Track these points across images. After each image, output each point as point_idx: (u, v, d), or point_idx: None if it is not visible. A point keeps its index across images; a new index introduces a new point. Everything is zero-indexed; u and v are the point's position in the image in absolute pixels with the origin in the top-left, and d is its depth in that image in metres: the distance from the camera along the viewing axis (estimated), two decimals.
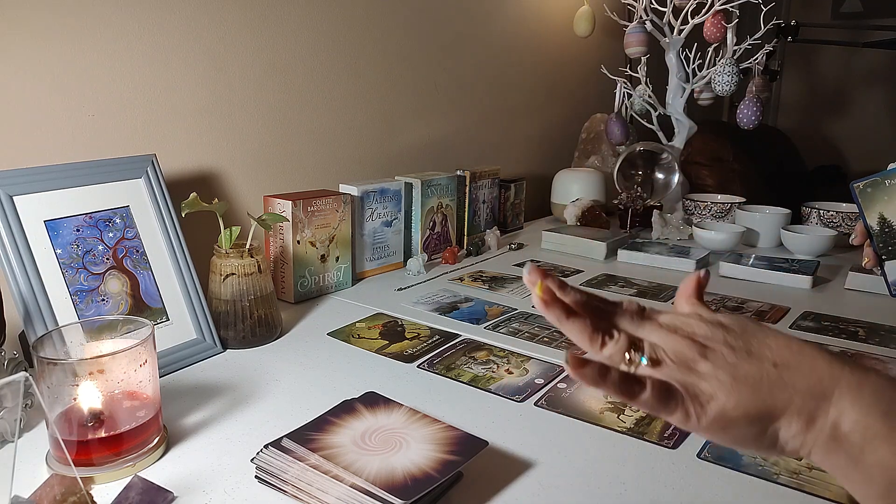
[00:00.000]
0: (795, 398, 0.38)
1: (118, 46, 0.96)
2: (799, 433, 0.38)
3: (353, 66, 1.32)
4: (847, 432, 0.37)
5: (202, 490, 0.59)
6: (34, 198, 0.78)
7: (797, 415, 0.38)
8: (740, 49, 1.54)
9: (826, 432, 0.38)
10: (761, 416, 0.38)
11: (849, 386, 0.38)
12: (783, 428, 0.38)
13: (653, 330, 0.43)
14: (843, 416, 0.37)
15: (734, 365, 0.39)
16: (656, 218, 1.54)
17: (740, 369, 0.39)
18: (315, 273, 1.10)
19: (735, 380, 0.39)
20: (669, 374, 0.40)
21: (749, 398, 0.38)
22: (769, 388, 0.38)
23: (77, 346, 0.65)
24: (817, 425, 0.38)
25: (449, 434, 0.60)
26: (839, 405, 0.37)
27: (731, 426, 0.38)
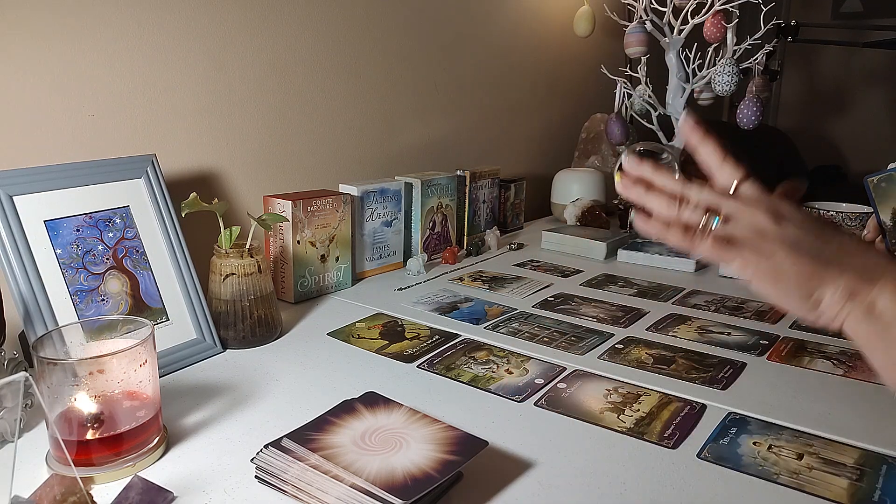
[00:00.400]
0: (846, 274, 0.47)
1: (118, 46, 0.96)
2: (839, 301, 0.46)
3: (353, 66, 1.32)
4: (881, 310, 0.46)
5: (202, 490, 0.59)
6: (34, 198, 0.78)
7: (843, 287, 0.46)
8: (740, 49, 1.54)
9: (863, 307, 0.46)
10: (812, 278, 0.47)
11: (894, 278, 0.46)
12: (828, 294, 0.47)
13: (731, 201, 0.50)
14: (881, 297, 0.46)
15: (800, 238, 0.48)
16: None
17: (805, 242, 0.48)
18: (315, 273, 1.10)
19: (798, 246, 0.47)
20: (737, 231, 0.49)
21: (807, 262, 0.47)
22: (826, 260, 0.47)
23: (77, 346, 0.65)
24: (857, 299, 0.46)
25: (449, 434, 0.60)
26: (882, 288, 0.46)
27: (783, 279, 0.47)
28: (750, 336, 0.96)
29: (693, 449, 0.67)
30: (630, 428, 0.70)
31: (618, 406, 0.75)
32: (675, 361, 0.87)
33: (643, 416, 0.73)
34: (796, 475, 0.62)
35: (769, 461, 0.65)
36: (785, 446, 0.67)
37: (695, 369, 0.85)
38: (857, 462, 0.65)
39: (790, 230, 0.48)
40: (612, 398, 0.77)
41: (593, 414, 0.73)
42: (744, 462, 0.64)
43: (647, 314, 1.05)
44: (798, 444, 0.68)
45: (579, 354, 0.89)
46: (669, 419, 0.72)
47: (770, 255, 0.47)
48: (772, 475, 0.62)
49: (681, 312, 1.06)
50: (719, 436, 0.69)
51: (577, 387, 0.80)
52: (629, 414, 0.73)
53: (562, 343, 0.93)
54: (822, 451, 0.67)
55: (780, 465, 0.64)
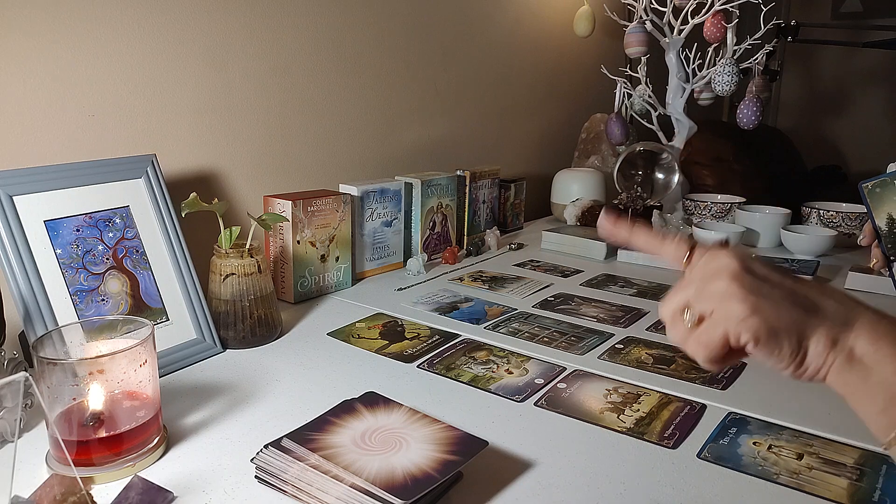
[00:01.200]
0: (826, 321, 0.45)
1: (118, 47, 0.96)
2: (823, 352, 0.45)
3: (354, 66, 1.32)
4: (860, 355, 0.45)
5: (202, 490, 0.59)
6: (34, 198, 0.78)
7: (825, 335, 0.45)
8: (740, 49, 1.54)
9: (844, 354, 0.45)
10: (799, 326, 0.45)
11: (869, 320, 0.45)
12: (812, 346, 0.45)
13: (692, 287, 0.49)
14: (859, 341, 0.45)
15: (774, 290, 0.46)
16: (656, 218, 1.54)
17: (779, 292, 0.46)
18: (315, 273, 1.10)
19: (778, 296, 0.46)
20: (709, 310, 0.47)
21: (790, 310, 0.45)
22: (805, 307, 0.46)
23: (77, 346, 0.65)
24: (838, 347, 0.45)
25: (449, 434, 0.60)
26: (858, 332, 0.45)
27: (773, 335, 0.45)
28: None
29: (693, 449, 0.67)
30: (630, 428, 0.70)
31: (618, 406, 0.75)
32: (675, 361, 0.87)
33: (643, 416, 0.73)
34: (796, 475, 0.62)
35: (769, 461, 0.65)
36: (785, 446, 0.67)
37: (695, 369, 0.85)
38: (857, 462, 0.65)
39: (759, 284, 0.46)
40: (612, 398, 0.77)
41: (593, 414, 0.73)
42: (744, 462, 0.64)
43: (647, 314, 1.05)
44: (798, 444, 0.68)
45: (579, 354, 0.89)
46: (669, 419, 0.72)
47: (754, 312, 0.45)
48: (772, 475, 0.62)
49: None
50: (719, 436, 0.69)
51: (577, 387, 0.80)
52: (629, 414, 0.73)
53: (562, 343, 0.93)
54: (822, 451, 0.67)
55: (780, 465, 0.64)
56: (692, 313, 0.48)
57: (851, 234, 1.44)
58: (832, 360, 0.45)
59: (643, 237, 0.53)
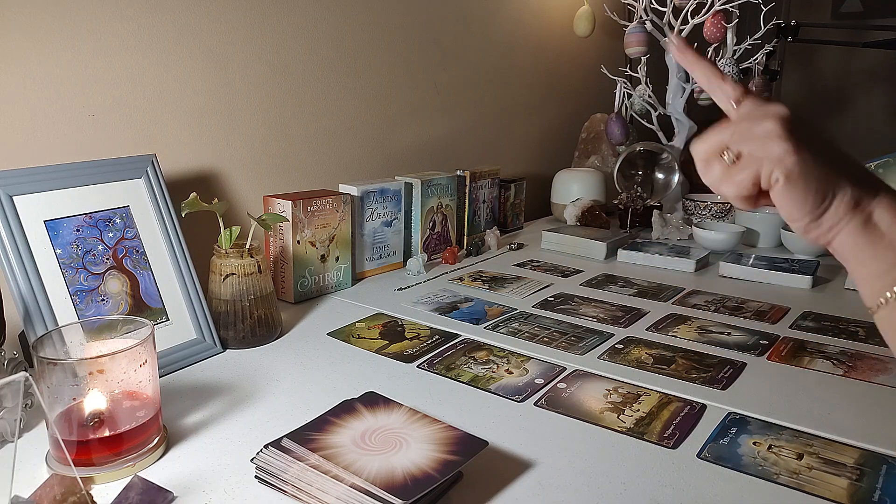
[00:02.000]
0: (853, 181, 0.47)
1: (118, 47, 0.96)
2: (843, 210, 0.47)
3: (354, 66, 1.32)
4: (876, 220, 0.47)
5: (202, 490, 0.59)
6: (34, 198, 0.78)
7: (850, 194, 0.47)
8: (740, 49, 1.54)
9: (863, 216, 0.47)
10: (829, 180, 0.47)
11: (889, 192, 0.48)
12: (836, 201, 0.47)
13: (737, 124, 0.50)
14: (879, 208, 0.47)
15: (812, 139, 0.47)
16: (656, 218, 1.54)
17: (816, 143, 0.47)
18: (315, 273, 1.10)
19: (812, 147, 0.47)
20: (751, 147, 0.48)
21: (823, 162, 0.47)
22: (838, 165, 0.47)
23: (77, 346, 0.65)
24: (859, 208, 0.47)
25: (449, 434, 0.60)
26: (880, 200, 0.47)
27: (802, 180, 0.46)
28: (750, 336, 0.96)
29: (693, 449, 0.67)
30: (630, 428, 0.70)
31: (618, 406, 0.75)
32: (675, 361, 0.87)
33: (643, 416, 0.73)
34: (796, 475, 0.62)
35: (769, 461, 0.65)
36: (785, 446, 0.67)
37: (695, 369, 0.85)
38: (857, 462, 0.65)
39: (804, 132, 0.48)
40: (612, 398, 0.77)
41: (593, 414, 0.73)
42: (744, 462, 0.64)
43: (647, 314, 1.05)
44: (798, 444, 0.68)
45: (579, 354, 0.89)
46: (669, 419, 0.72)
47: (795, 151, 0.46)
48: (772, 475, 0.62)
49: (681, 312, 1.06)
50: (719, 436, 0.69)
51: (577, 387, 0.80)
52: (629, 414, 0.73)
53: (562, 343, 0.93)
54: (822, 451, 0.67)
55: (779, 465, 0.64)
56: (731, 152, 0.49)
57: None
58: (848, 220, 0.47)
59: (704, 69, 0.54)
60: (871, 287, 0.48)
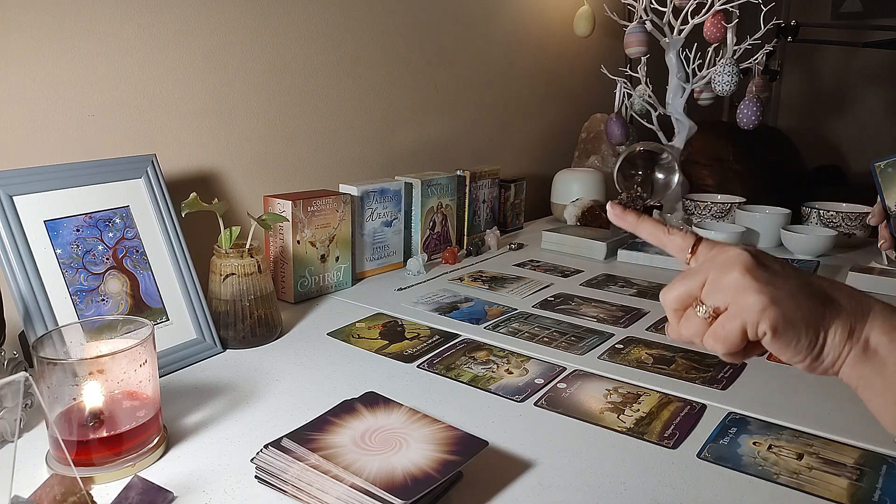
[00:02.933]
0: (843, 311, 0.46)
1: (118, 47, 0.96)
2: (840, 343, 0.45)
3: (354, 66, 1.32)
4: (874, 346, 0.45)
5: (202, 490, 0.59)
6: (34, 198, 0.78)
7: (843, 326, 0.45)
8: (740, 49, 1.54)
9: (860, 345, 0.45)
10: (817, 317, 0.45)
11: (882, 311, 0.46)
12: (830, 336, 0.45)
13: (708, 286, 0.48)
14: (873, 332, 0.45)
15: (789, 281, 0.46)
16: (656, 218, 1.53)
17: (795, 283, 0.46)
18: (315, 273, 1.10)
19: (793, 287, 0.46)
20: (725, 303, 0.47)
21: (807, 300, 0.45)
22: (822, 299, 0.46)
23: (77, 346, 0.65)
24: (854, 336, 0.45)
25: (449, 434, 0.60)
26: (872, 323, 0.45)
27: (793, 330, 0.45)
28: None
29: (693, 449, 0.67)
30: (630, 428, 0.70)
31: (618, 406, 0.75)
32: (675, 361, 0.87)
33: (643, 416, 0.73)
34: (796, 475, 0.62)
35: (769, 461, 0.65)
36: (785, 446, 0.67)
37: (695, 369, 0.85)
38: (857, 462, 0.65)
39: (774, 278, 0.46)
40: (612, 398, 0.77)
41: (593, 414, 0.73)
42: (744, 462, 0.64)
43: (647, 314, 1.05)
44: (798, 444, 0.68)
45: (579, 354, 0.89)
46: (669, 419, 0.72)
47: (773, 303, 0.44)
48: (772, 475, 0.62)
49: None
50: (719, 436, 0.69)
51: (577, 387, 0.80)
52: (629, 414, 0.73)
53: (562, 343, 0.93)
54: (822, 451, 0.67)
55: (780, 465, 0.64)
56: (706, 307, 0.47)
57: (851, 234, 1.44)
58: (848, 352, 0.45)
59: (649, 227, 0.54)
60: (888, 416, 0.46)
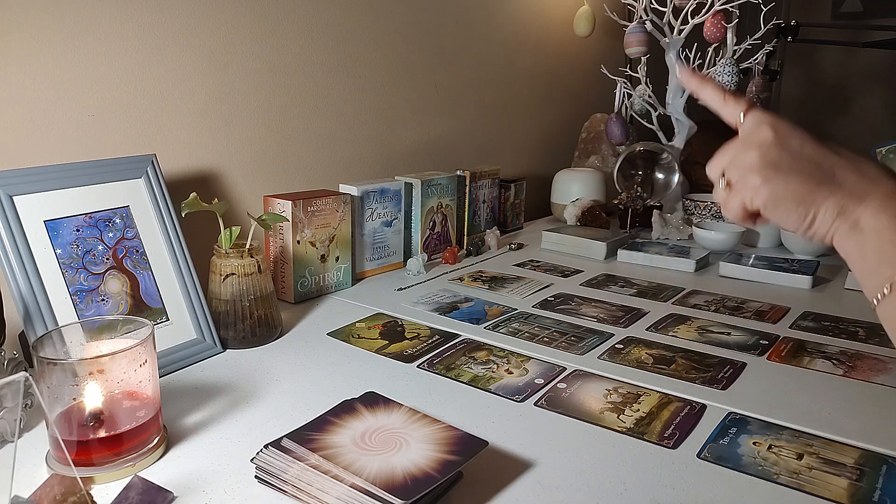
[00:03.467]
0: (836, 193, 0.50)
1: (118, 47, 0.96)
2: (829, 219, 0.50)
3: (354, 66, 1.32)
4: (862, 226, 0.49)
5: (202, 490, 0.59)
6: (34, 198, 0.78)
7: (833, 205, 0.50)
8: (740, 49, 1.54)
9: (849, 222, 0.49)
10: (805, 198, 0.50)
11: (885, 193, 0.49)
12: (820, 213, 0.50)
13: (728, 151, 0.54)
14: (866, 213, 0.49)
15: (791, 163, 0.50)
16: (656, 218, 1.54)
17: (796, 165, 0.50)
18: (315, 273, 1.10)
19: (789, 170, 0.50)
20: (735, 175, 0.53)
21: (799, 184, 0.50)
22: (818, 181, 0.50)
23: (77, 346, 0.65)
24: (846, 215, 0.49)
25: (449, 434, 0.60)
26: (868, 204, 0.49)
27: (781, 203, 0.51)
28: (750, 336, 0.96)
29: (693, 449, 0.67)
30: (630, 428, 0.70)
31: (618, 406, 0.75)
32: (675, 361, 0.87)
33: (643, 416, 0.73)
34: (796, 475, 0.62)
35: (769, 461, 0.65)
36: (785, 446, 0.67)
37: (695, 369, 0.85)
38: (857, 462, 0.65)
39: (783, 155, 0.51)
40: (612, 398, 0.77)
41: (593, 414, 0.73)
42: (744, 462, 0.64)
43: (647, 314, 1.05)
44: (798, 444, 0.68)
45: (579, 354, 0.89)
46: (669, 419, 0.72)
47: (765, 182, 0.50)
48: (772, 475, 0.62)
49: (681, 312, 1.06)
50: (719, 436, 0.69)
51: (577, 387, 0.80)
52: (629, 414, 0.73)
53: (562, 343, 0.93)
54: (822, 451, 0.67)
55: (780, 465, 0.64)
56: (725, 179, 0.54)
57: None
58: (837, 227, 0.50)
59: (709, 92, 0.58)
60: (867, 287, 0.51)
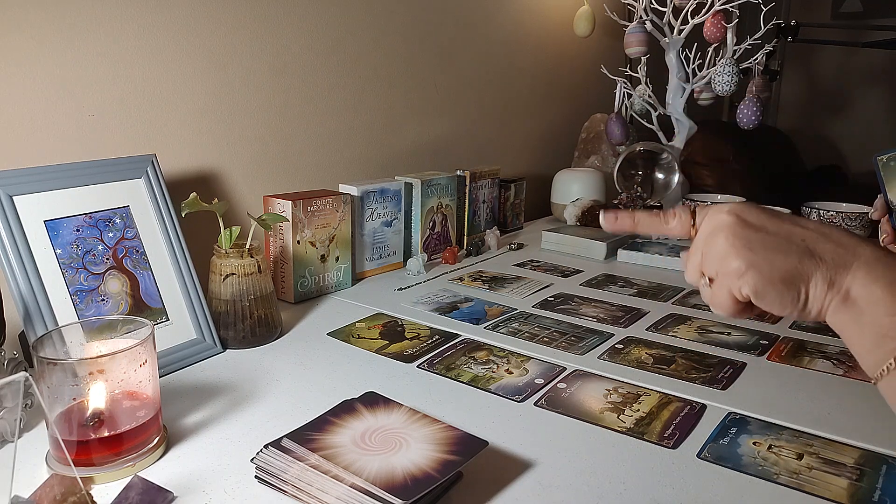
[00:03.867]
0: (822, 264, 0.47)
1: (118, 47, 0.96)
2: (821, 294, 0.48)
3: (354, 66, 1.32)
4: (855, 297, 0.47)
5: (202, 490, 0.59)
6: (34, 198, 0.78)
7: (822, 278, 0.47)
8: (740, 49, 1.54)
9: (841, 294, 0.47)
10: (795, 275, 0.47)
11: (867, 260, 0.47)
12: (812, 289, 0.48)
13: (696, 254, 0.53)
14: (855, 283, 0.47)
15: (767, 241, 0.48)
16: None
17: (773, 243, 0.48)
18: (315, 273, 1.10)
19: (769, 249, 0.48)
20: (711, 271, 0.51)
21: (783, 261, 0.48)
22: (800, 254, 0.48)
23: (77, 346, 0.65)
24: (835, 287, 0.47)
25: (449, 434, 0.60)
26: (855, 274, 0.47)
27: (770, 286, 0.48)
28: (750, 336, 0.96)
29: (693, 449, 0.67)
30: (630, 428, 0.70)
31: (618, 406, 0.75)
32: (675, 361, 0.87)
33: (643, 416, 0.73)
34: (796, 475, 0.62)
35: (769, 461, 0.65)
36: (785, 446, 0.67)
37: (695, 369, 0.85)
38: (857, 462, 0.65)
39: (753, 236, 0.49)
40: (612, 398, 0.77)
41: (593, 414, 0.73)
42: (744, 462, 0.64)
43: (647, 314, 1.05)
44: (798, 444, 0.68)
45: (579, 354, 0.89)
46: (669, 419, 0.72)
47: (746, 265, 0.48)
48: (772, 475, 0.62)
49: (681, 312, 1.06)
50: (719, 436, 0.69)
51: (577, 387, 0.80)
52: (629, 414, 0.73)
53: (562, 343, 0.93)
54: (822, 451, 0.67)
55: (780, 465, 0.64)
56: (706, 278, 0.51)
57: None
58: (830, 301, 0.48)
59: (646, 222, 0.57)
60: (866, 362, 0.48)
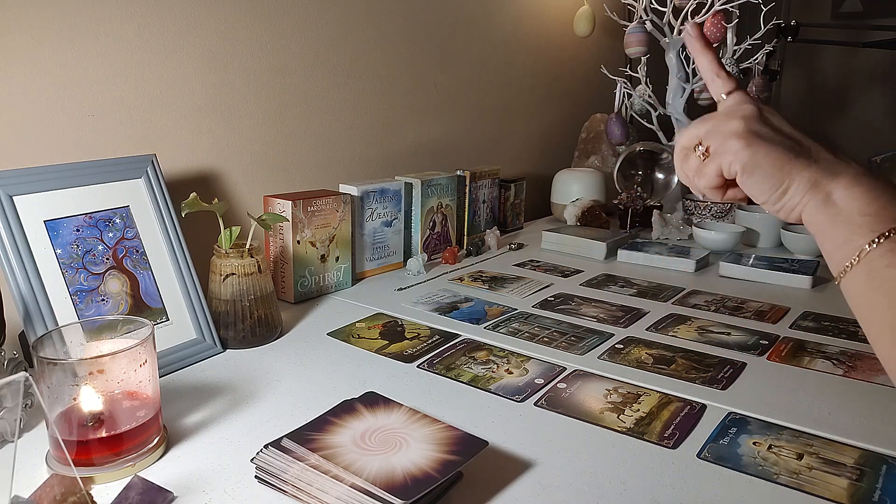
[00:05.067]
0: (812, 167, 0.52)
1: (118, 46, 0.96)
2: (801, 191, 0.52)
3: (354, 66, 1.32)
4: (835, 199, 0.51)
5: (202, 490, 0.59)
6: (34, 198, 0.78)
7: (808, 178, 0.51)
8: (740, 49, 1.54)
9: (821, 196, 0.51)
10: (783, 168, 0.52)
11: (855, 172, 0.51)
12: (794, 184, 0.52)
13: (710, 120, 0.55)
14: (838, 187, 0.51)
15: (773, 135, 0.53)
16: (656, 218, 1.54)
17: (777, 138, 0.52)
18: (315, 273, 1.10)
19: (771, 139, 0.52)
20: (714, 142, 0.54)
21: (779, 153, 0.52)
22: (797, 153, 0.52)
23: (77, 346, 0.65)
24: (818, 188, 0.51)
25: (449, 434, 0.60)
26: (840, 181, 0.51)
27: (758, 169, 0.52)
28: (750, 336, 0.96)
29: (693, 449, 0.67)
30: (630, 428, 0.70)
31: (618, 406, 0.75)
32: (675, 361, 0.87)
33: (643, 416, 0.73)
34: (796, 475, 0.62)
35: (769, 461, 0.65)
36: (785, 446, 0.67)
37: (695, 369, 0.85)
38: (857, 462, 0.65)
39: (765, 129, 0.53)
40: (612, 398, 0.77)
41: (593, 414, 0.73)
42: (744, 462, 0.64)
43: (647, 314, 1.05)
44: (798, 444, 0.68)
45: (579, 354, 0.89)
46: (669, 419, 0.72)
47: (747, 147, 0.52)
48: (772, 475, 0.62)
49: (681, 312, 1.06)
50: (719, 436, 0.69)
51: (577, 387, 0.80)
52: (629, 414, 0.73)
53: (562, 343, 0.93)
54: (822, 451, 0.67)
55: (779, 465, 0.64)
56: (702, 147, 0.55)
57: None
58: (808, 201, 0.52)
59: (706, 61, 0.59)
60: (834, 260, 0.52)
